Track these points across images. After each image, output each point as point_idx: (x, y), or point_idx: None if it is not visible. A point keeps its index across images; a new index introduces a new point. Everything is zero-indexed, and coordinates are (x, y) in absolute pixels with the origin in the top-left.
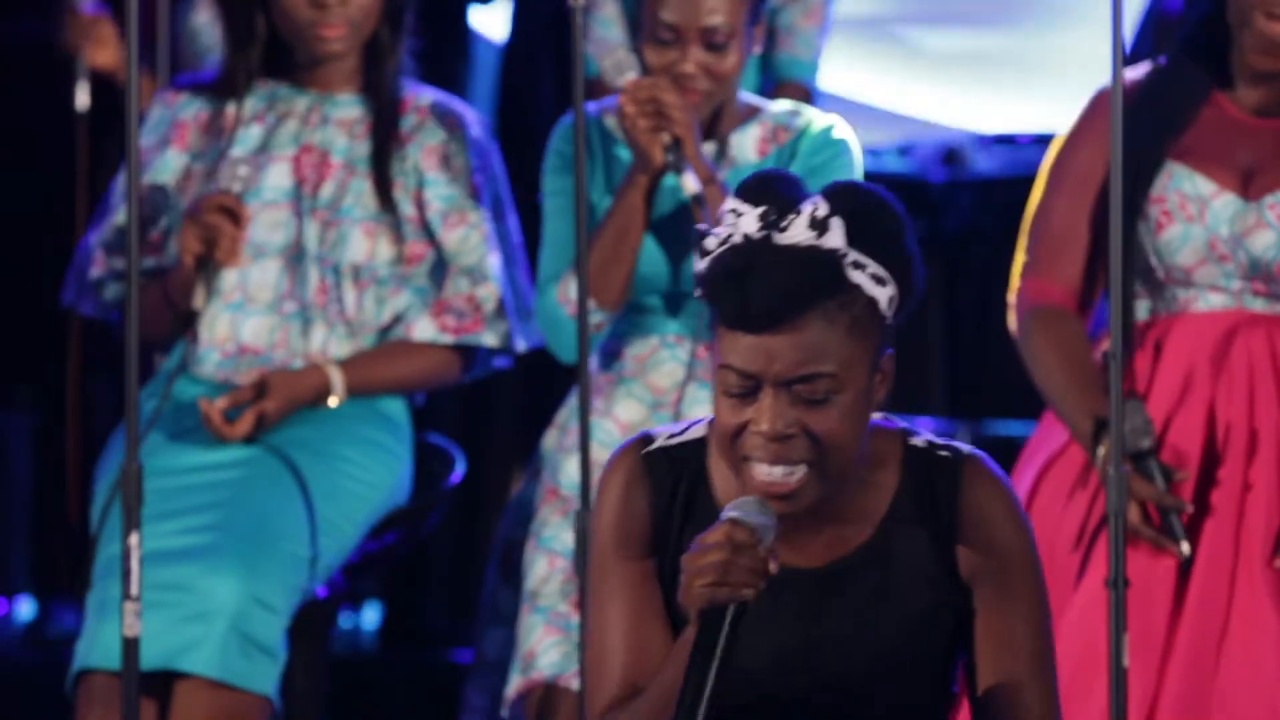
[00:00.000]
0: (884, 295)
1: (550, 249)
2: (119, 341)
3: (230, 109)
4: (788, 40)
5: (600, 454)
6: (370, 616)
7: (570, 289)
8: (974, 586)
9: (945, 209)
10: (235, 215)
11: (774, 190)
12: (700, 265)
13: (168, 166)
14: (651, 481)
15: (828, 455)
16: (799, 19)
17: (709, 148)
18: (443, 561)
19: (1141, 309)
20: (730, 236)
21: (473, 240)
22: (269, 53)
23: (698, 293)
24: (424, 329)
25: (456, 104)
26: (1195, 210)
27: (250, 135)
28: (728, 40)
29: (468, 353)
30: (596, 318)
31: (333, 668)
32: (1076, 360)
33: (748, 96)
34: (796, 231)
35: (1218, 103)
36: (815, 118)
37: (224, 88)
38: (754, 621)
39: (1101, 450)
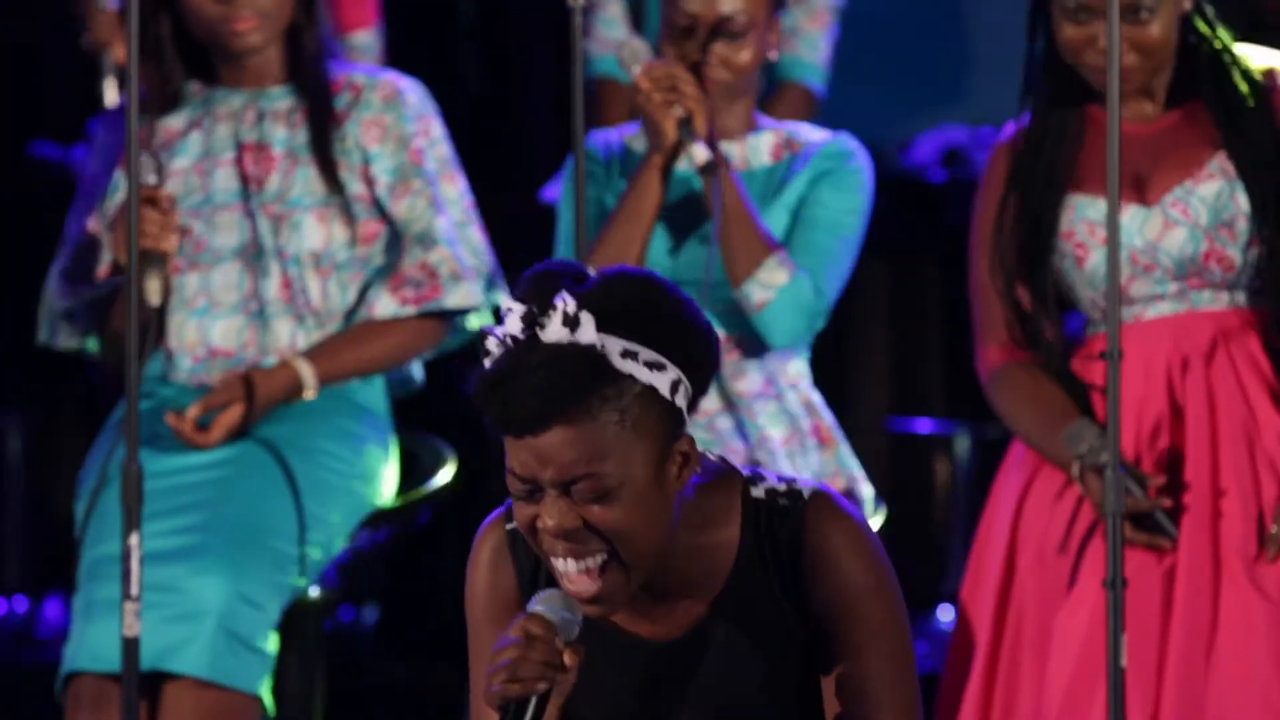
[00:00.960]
0: (664, 380)
1: (562, 245)
2: (94, 368)
3: (165, 123)
4: (791, 42)
5: None
6: (370, 617)
7: None
8: (826, 626)
9: (945, 207)
10: (155, 202)
11: (541, 284)
12: (482, 370)
13: (118, 188)
14: (514, 556)
15: (622, 545)
16: (803, 21)
17: (727, 148)
18: (446, 564)
19: (1091, 330)
20: (500, 339)
21: (419, 207)
22: (197, 59)
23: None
24: (385, 306)
25: (389, 74)
26: (1105, 233)
27: (190, 143)
28: (745, 32)
29: (439, 320)
30: None
31: (330, 669)
32: (1039, 403)
33: (761, 116)
34: (553, 330)
35: (1094, 120)
36: (826, 133)
37: (152, 103)
38: (606, 696)
39: (1075, 467)
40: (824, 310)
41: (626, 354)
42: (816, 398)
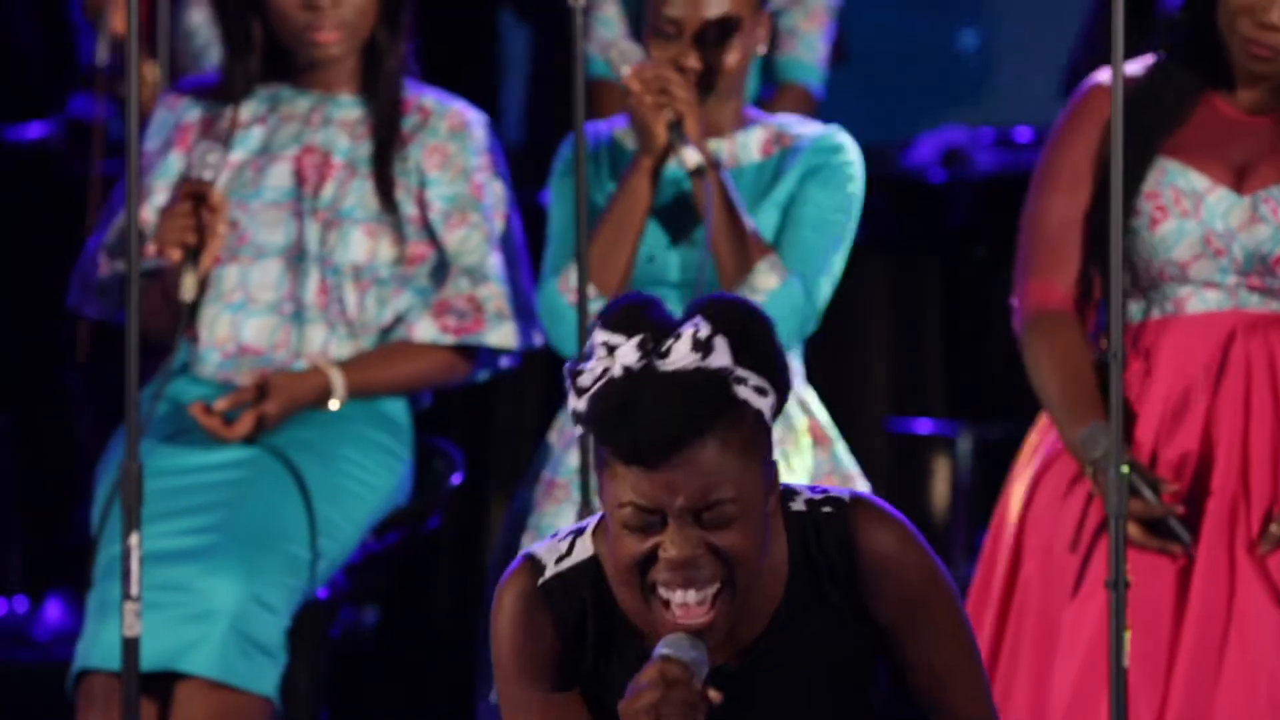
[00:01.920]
0: (767, 405)
1: (554, 244)
2: (114, 343)
3: (230, 112)
4: (789, 43)
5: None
6: (372, 617)
7: (571, 278)
8: (892, 628)
9: (945, 208)
10: (207, 200)
11: (644, 316)
12: (578, 404)
13: (170, 169)
14: (554, 613)
15: (736, 571)
16: (800, 21)
17: (715, 146)
18: (446, 564)
19: (1134, 311)
20: (608, 370)
21: (474, 240)
22: (271, 55)
23: (578, 431)
24: (425, 330)
25: (459, 104)
26: (1190, 205)
27: (251, 136)
28: (730, 34)
29: (471, 353)
30: (596, 305)
31: (335, 668)
32: (1072, 371)
33: (753, 110)
34: (679, 356)
35: (1210, 102)
36: (816, 126)
37: (223, 91)
38: None
39: (1089, 468)
40: (815, 313)
41: (740, 380)
42: (810, 396)
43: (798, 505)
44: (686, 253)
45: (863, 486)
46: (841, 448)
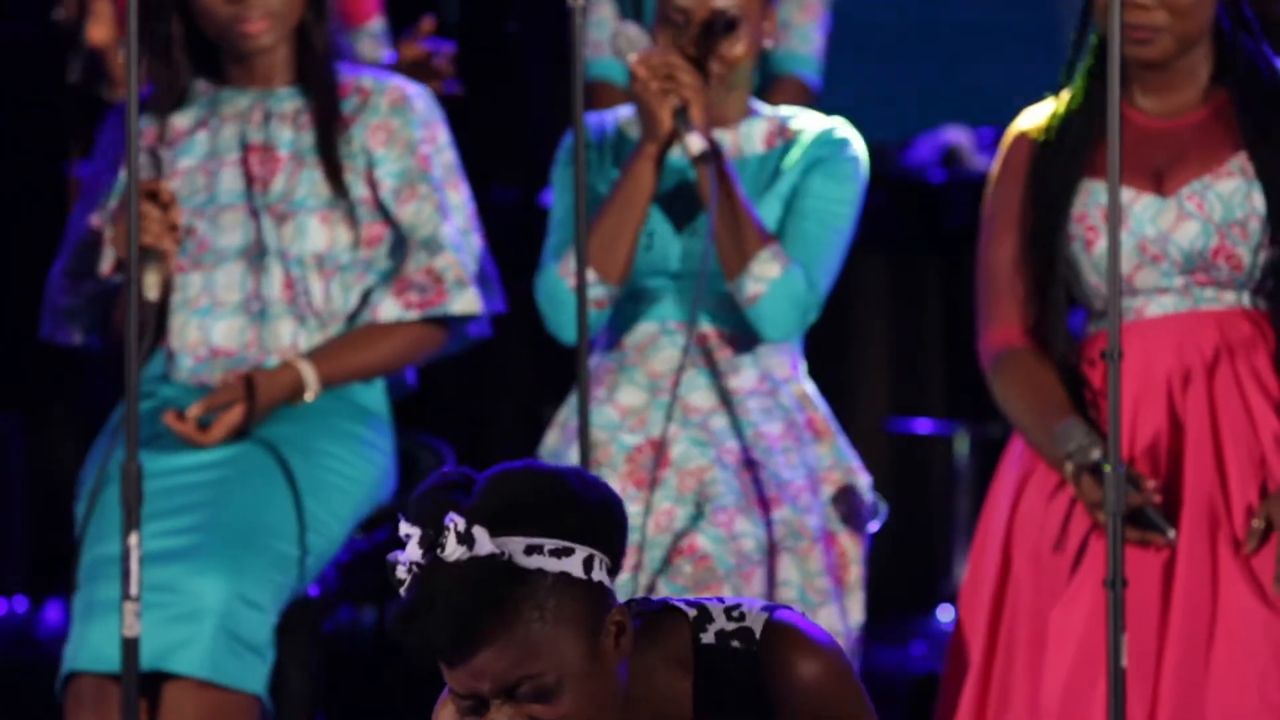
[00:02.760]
0: (574, 563)
1: (556, 231)
2: (98, 361)
3: (171, 121)
4: (784, 35)
5: (599, 436)
6: (368, 618)
7: (572, 263)
8: None
9: (945, 208)
10: (155, 197)
11: (432, 504)
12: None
13: (120, 189)
14: None
15: None
16: (795, 14)
17: (719, 136)
18: None
19: (1091, 329)
20: (401, 568)
21: (425, 212)
22: (206, 55)
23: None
24: (389, 309)
25: (396, 79)
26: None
27: (196, 143)
28: (737, 25)
29: (440, 325)
30: (599, 291)
31: (329, 669)
32: (1037, 393)
33: (757, 102)
34: (451, 549)
35: (1124, 115)
36: (821, 119)
37: (155, 101)
38: None
39: (1069, 466)
40: (816, 303)
41: (530, 549)
42: (811, 389)
43: (707, 638)
44: (689, 241)
45: (864, 478)
46: (843, 441)
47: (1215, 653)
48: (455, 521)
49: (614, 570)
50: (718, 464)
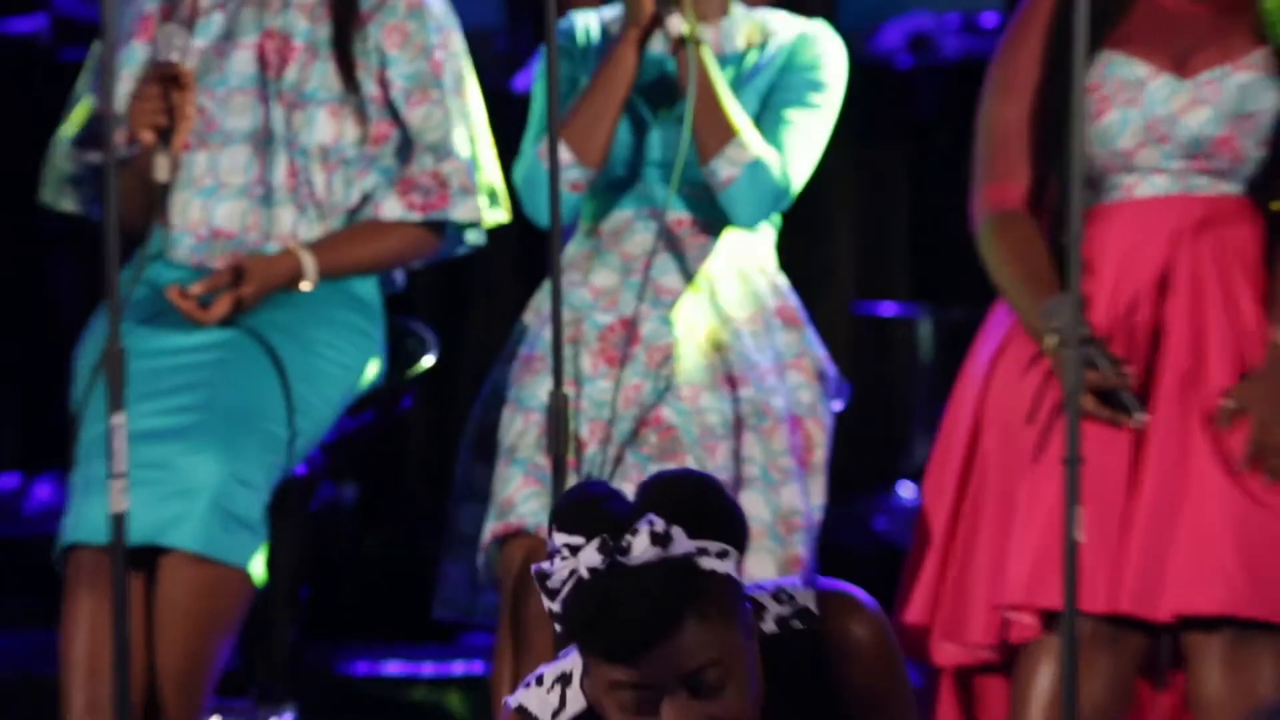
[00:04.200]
0: (731, 564)
1: (536, 118)
2: (96, 228)
3: None
4: None
5: (571, 316)
6: (350, 494)
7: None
8: (853, 714)
9: (913, 94)
10: (177, 81)
11: (596, 513)
12: (552, 605)
13: (133, 58)
14: None
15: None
16: None
17: (703, 32)
18: (419, 444)
19: (1086, 200)
20: (575, 573)
21: (436, 117)
22: None
23: (558, 629)
24: (391, 208)
25: None
26: (1132, 94)
27: (213, 23)
28: None
29: (438, 229)
30: (575, 174)
31: (313, 542)
32: (1028, 259)
33: (738, 4)
34: (640, 551)
35: None
36: (800, 20)
37: None
38: None
39: (1050, 340)
40: (788, 190)
41: (701, 551)
42: (782, 281)
43: (769, 626)
44: (666, 129)
45: (831, 369)
46: (811, 332)
47: (1180, 525)
48: (654, 522)
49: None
50: (686, 341)
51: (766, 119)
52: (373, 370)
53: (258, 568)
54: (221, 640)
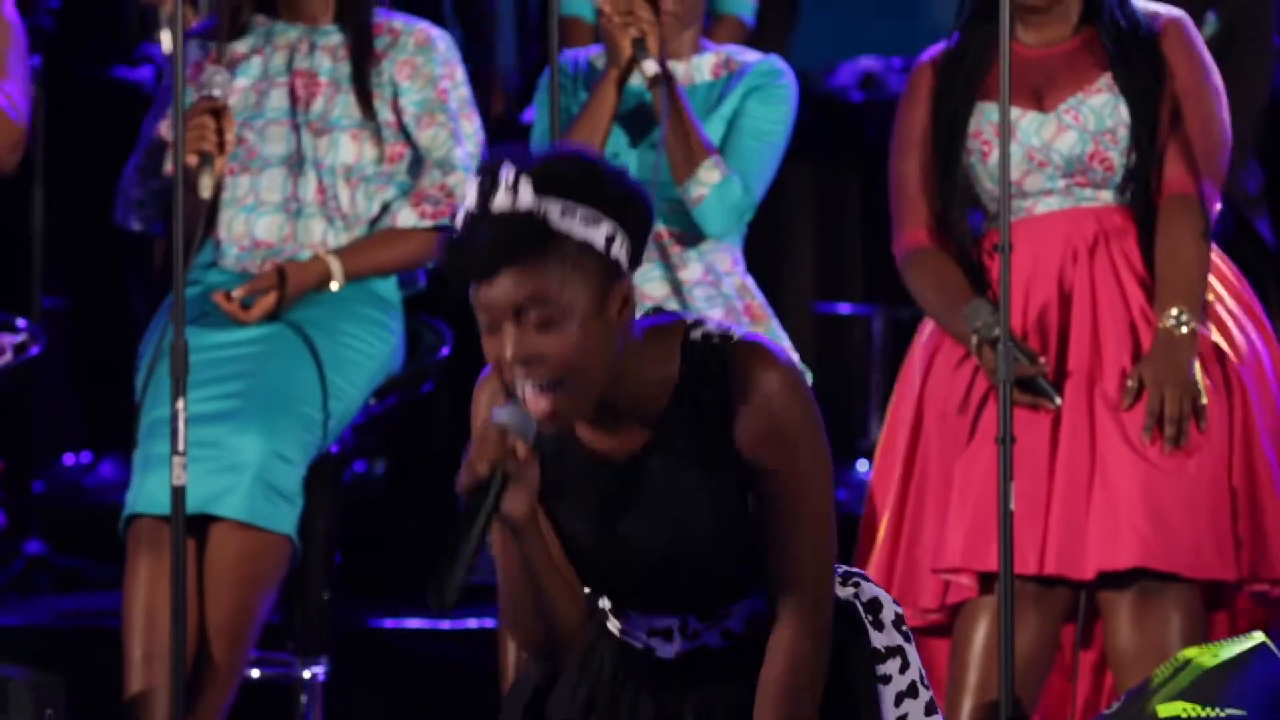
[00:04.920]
0: (599, 234)
1: (535, 146)
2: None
3: (233, 47)
4: None
5: None
6: (380, 470)
7: None
8: (753, 464)
9: (863, 124)
10: (218, 113)
11: (495, 161)
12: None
13: (188, 98)
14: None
15: (570, 376)
16: None
17: (673, 67)
18: (442, 426)
19: (987, 225)
20: (465, 211)
21: (441, 137)
22: None
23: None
24: (406, 216)
25: (423, 23)
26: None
27: (252, 65)
28: None
29: (447, 233)
30: None
31: (346, 513)
32: (944, 282)
33: (707, 42)
34: (500, 199)
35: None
36: (759, 55)
37: (223, 31)
38: (573, 508)
39: (973, 340)
40: (751, 205)
41: (565, 212)
42: (749, 281)
43: (695, 335)
44: (644, 153)
45: (794, 358)
46: (776, 325)
47: (1093, 494)
48: (507, 174)
49: (633, 259)
50: None
51: (731, 141)
52: (395, 359)
53: (296, 534)
54: (264, 599)
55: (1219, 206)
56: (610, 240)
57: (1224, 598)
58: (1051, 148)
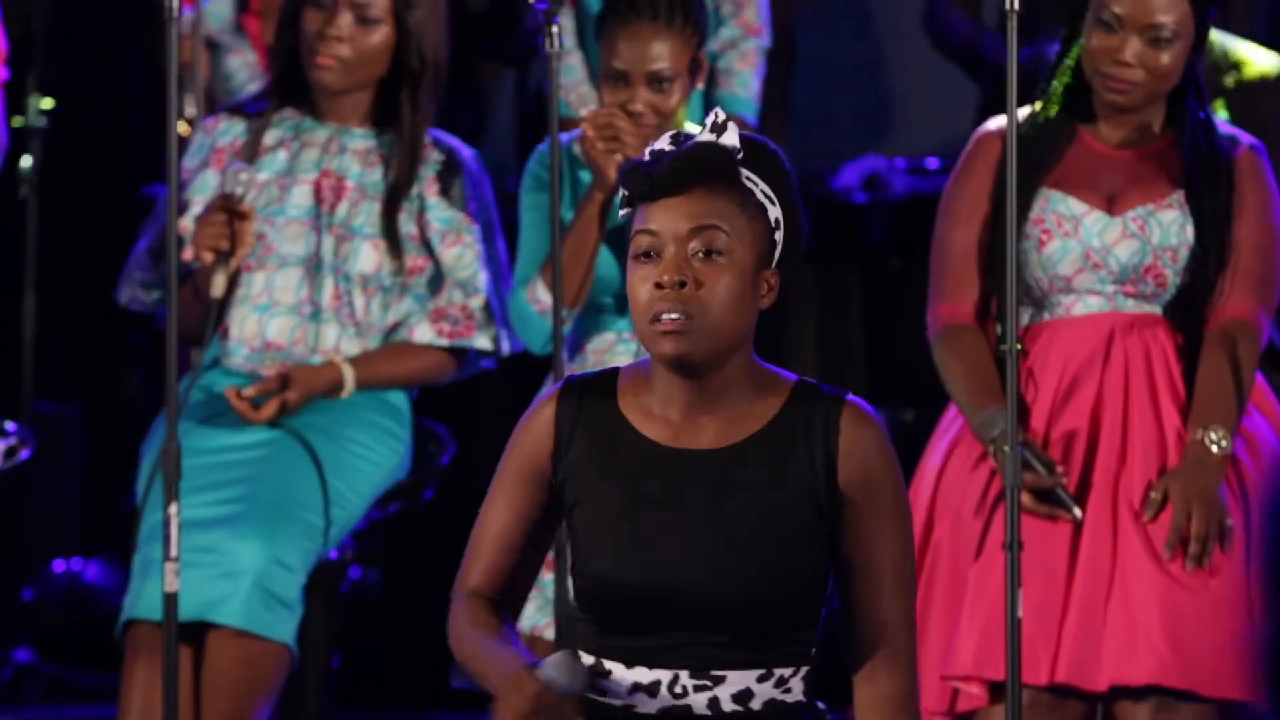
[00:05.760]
0: (772, 211)
1: (524, 255)
2: (161, 334)
3: (260, 137)
4: (726, 80)
5: None
6: (378, 576)
7: (537, 290)
8: (849, 503)
9: (867, 225)
10: (239, 213)
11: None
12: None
13: (206, 185)
14: (561, 404)
15: (706, 317)
16: (736, 63)
17: None
18: (440, 531)
19: (1029, 316)
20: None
21: (467, 257)
22: (296, 85)
23: (620, 195)
24: (424, 333)
25: (453, 140)
26: (1070, 227)
27: (277, 159)
28: (671, 82)
29: (460, 354)
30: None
31: (344, 620)
32: (974, 369)
33: (692, 129)
34: (700, 135)
35: (1083, 140)
36: None
37: (257, 116)
38: (660, 506)
39: (991, 447)
40: None
41: (751, 177)
42: None
43: (809, 381)
44: None
45: None
46: None
47: (1111, 605)
48: (717, 114)
49: (781, 263)
50: None
51: None
52: (401, 466)
53: (295, 641)
54: (261, 706)
55: (1269, 335)
56: (777, 223)
57: (1241, 712)
58: (1111, 252)
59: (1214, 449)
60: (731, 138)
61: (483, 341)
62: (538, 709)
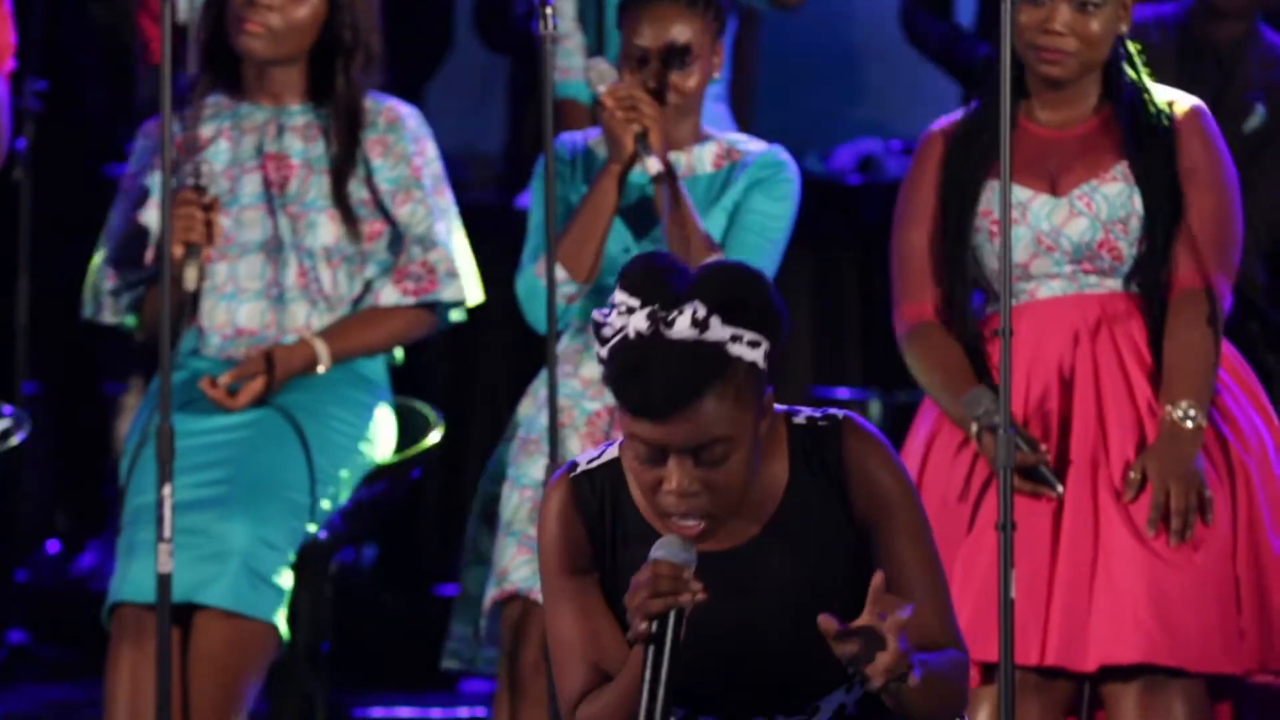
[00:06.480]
0: (760, 355)
1: (533, 237)
2: (129, 341)
3: (197, 131)
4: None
5: (564, 403)
6: (369, 557)
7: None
8: (866, 526)
9: (861, 208)
10: (205, 205)
11: (656, 283)
12: (601, 352)
13: (153, 188)
14: (581, 504)
15: (728, 501)
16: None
17: (674, 157)
18: (431, 512)
19: (990, 307)
20: (623, 331)
21: (419, 213)
22: (230, 71)
23: (602, 378)
24: (389, 295)
25: (391, 100)
26: (1018, 214)
27: (220, 150)
28: (692, 63)
29: (431, 310)
30: (569, 289)
31: (335, 601)
32: (945, 361)
33: (709, 127)
34: (681, 329)
35: (1021, 125)
36: (762, 144)
37: (192, 116)
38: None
39: (974, 427)
40: None
41: (734, 339)
42: None
43: (799, 420)
44: (645, 248)
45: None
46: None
47: (1096, 585)
48: (696, 308)
49: (771, 359)
50: None
51: (732, 236)
52: (385, 443)
53: (282, 622)
54: (249, 687)
55: (1230, 300)
56: (768, 356)
57: (1229, 688)
58: (1061, 233)
59: (1187, 424)
60: (716, 330)
61: (449, 292)
62: (658, 578)
